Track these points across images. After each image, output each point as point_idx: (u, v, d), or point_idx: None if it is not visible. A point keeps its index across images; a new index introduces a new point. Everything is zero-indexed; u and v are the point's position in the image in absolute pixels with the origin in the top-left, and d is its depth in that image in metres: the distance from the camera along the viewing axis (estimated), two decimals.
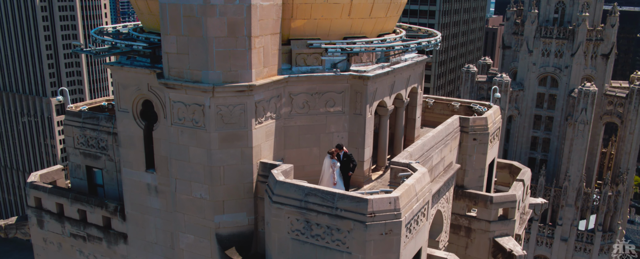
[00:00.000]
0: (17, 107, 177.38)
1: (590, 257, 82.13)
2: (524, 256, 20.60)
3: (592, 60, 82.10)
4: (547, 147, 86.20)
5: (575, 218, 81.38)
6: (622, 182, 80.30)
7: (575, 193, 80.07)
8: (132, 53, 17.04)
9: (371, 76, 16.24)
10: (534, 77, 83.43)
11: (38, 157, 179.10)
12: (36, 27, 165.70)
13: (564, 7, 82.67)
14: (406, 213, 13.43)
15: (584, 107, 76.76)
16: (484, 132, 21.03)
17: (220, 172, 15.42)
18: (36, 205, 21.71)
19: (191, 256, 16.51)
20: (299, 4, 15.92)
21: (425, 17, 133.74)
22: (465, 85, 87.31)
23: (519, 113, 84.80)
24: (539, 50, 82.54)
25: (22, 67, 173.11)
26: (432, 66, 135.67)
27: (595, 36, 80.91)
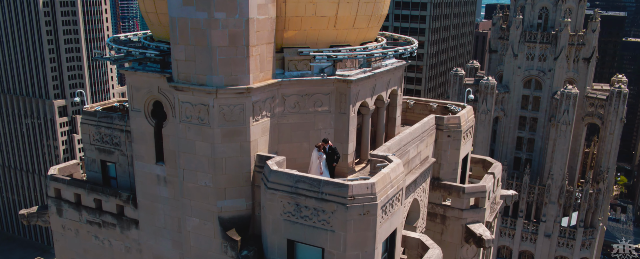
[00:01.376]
0: (20, 109, 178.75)
1: (572, 252, 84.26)
2: (492, 240, 22.68)
3: (574, 63, 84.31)
4: (531, 147, 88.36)
5: (558, 215, 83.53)
6: (603, 181, 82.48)
7: (557, 191, 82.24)
8: (145, 60, 19.05)
9: (353, 79, 18.30)
10: (519, 80, 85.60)
11: (40, 158, 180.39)
12: (39, 31, 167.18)
13: (548, 13, 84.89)
14: (381, 197, 15.47)
15: (566, 109, 78.98)
16: (457, 130, 23.11)
17: (222, 163, 17.44)
18: (56, 195, 23.67)
19: (197, 237, 18.51)
20: (291, 17, 17.97)
21: (417, 22, 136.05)
22: (453, 87, 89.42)
23: (505, 114, 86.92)
24: (524, 54, 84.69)
25: (25, 70, 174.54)
26: (423, 68, 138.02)
27: (577, 41, 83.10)
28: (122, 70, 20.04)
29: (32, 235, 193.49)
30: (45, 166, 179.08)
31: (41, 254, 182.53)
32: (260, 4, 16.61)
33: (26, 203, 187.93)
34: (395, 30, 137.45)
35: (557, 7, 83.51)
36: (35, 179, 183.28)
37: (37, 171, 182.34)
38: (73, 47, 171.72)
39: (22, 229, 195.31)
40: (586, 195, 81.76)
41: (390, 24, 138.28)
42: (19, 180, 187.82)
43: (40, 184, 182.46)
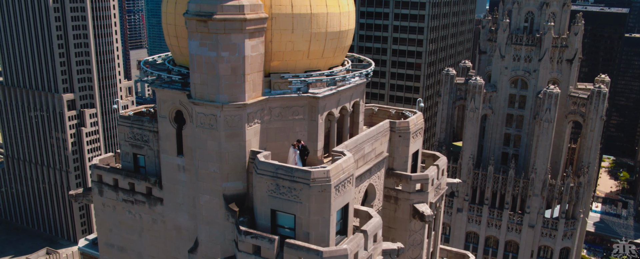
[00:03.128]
0: (30, 103, 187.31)
1: (554, 242, 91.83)
2: (431, 215, 30.36)
3: (557, 64, 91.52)
4: (518, 143, 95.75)
5: (542, 207, 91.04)
6: (584, 175, 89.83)
7: (541, 184, 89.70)
8: (171, 81, 26.82)
9: (320, 96, 25.96)
10: (506, 79, 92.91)
11: (49, 150, 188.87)
12: (49, 26, 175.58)
13: (533, 17, 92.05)
14: (334, 180, 23.13)
15: (548, 107, 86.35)
16: (406, 131, 30.72)
17: (226, 156, 25.15)
18: (98, 180, 31.50)
19: (207, 209, 26.27)
20: (276, 52, 25.66)
21: (415, 21, 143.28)
22: (445, 86, 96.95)
23: (492, 112, 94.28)
24: (511, 56, 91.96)
25: (35, 64, 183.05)
26: (422, 66, 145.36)
27: (560, 43, 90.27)
28: (153, 87, 27.79)
29: (40, 226, 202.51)
30: (53, 159, 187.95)
31: (49, 245, 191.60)
32: (253, 45, 24.31)
33: (34, 194, 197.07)
34: (395, 30, 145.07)
35: (541, 11, 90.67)
36: (44, 171, 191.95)
37: (45, 163, 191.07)
38: (82, 42, 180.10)
39: (29, 220, 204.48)
40: (567, 188, 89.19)
41: (390, 23, 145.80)
42: (28, 172, 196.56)
43: (48, 176, 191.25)
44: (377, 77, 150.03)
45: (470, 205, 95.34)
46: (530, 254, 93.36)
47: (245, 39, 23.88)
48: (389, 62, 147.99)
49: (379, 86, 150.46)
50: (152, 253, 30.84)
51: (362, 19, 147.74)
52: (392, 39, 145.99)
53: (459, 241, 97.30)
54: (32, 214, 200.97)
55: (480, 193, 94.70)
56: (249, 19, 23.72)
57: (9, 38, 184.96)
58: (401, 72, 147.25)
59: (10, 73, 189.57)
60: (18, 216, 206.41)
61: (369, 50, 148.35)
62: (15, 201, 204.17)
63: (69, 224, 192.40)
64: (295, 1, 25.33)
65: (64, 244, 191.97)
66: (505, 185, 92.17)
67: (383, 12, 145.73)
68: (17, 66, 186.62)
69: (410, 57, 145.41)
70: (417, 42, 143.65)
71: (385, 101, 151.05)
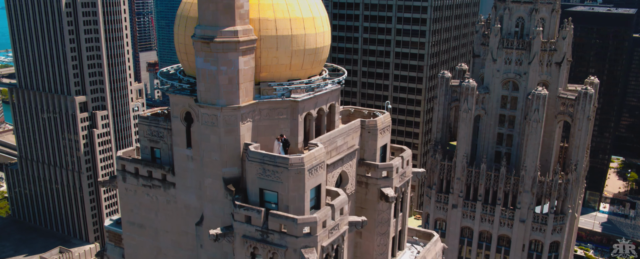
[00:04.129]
0: (43, 105, 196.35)
1: (544, 236, 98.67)
2: (394, 197, 37.88)
3: (547, 67, 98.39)
4: (510, 142, 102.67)
5: (532, 202, 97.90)
6: (572, 172, 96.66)
7: (531, 181, 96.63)
8: (182, 89, 34.63)
9: (299, 100, 33.62)
10: (498, 82, 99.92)
11: (62, 151, 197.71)
12: (61, 30, 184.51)
13: (523, 22, 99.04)
14: (308, 165, 30.74)
15: (537, 108, 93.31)
16: (374, 128, 38.26)
17: (225, 147, 32.84)
18: (121, 169, 39.33)
19: (210, 189, 33.97)
20: (264, 65, 33.36)
21: (418, 25, 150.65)
22: (440, 88, 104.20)
23: (485, 113, 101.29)
24: (502, 59, 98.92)
25: (48, 67, 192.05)
26: (424, 68, 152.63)
27: (549, 47, 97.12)
28: (168, 93, 35.58)
29: (53, 226, 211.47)
30: (66, 159, 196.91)
31: (62, 244, 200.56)
32: (245, 61, 32.04)
33: (47, 194, 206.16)
34: (398, 33, 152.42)
35: (531, 16, 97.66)
36: (57, 171, 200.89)
37: (58, 164, 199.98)
38: (93, 45, 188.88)
39: (43, 220, 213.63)
40: (555, 185, 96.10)
41: (393, 27, 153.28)
42: (41, 173, 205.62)
43: (61, 176, 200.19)
44: (381, 79, 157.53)
45: (464, 201, 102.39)
46: (522, 248, 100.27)
47: (239, 56, 31.62)
48: (392, 64, 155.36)
49: (383, 87, 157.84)
50: (166, 228, 38.65)
51: (366, 23, 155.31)
52: (395, 42, 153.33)
53: (454, 236, 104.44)
54: (46, 214, 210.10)
55: (474, 190, 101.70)
56: (242, 41, 31.47)
57: (23, 42, 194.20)
58: (404, 74, 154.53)
59: (24, 76, 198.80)
60: (32, 216, 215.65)
61: (373, 53, 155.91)
62: (29, 202, 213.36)
63: (82, 224, 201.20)
64: (279, 25, 33.06)
65: (77, 243, 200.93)
66: (498, 182, 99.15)
67: (386, 15, 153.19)
68: (31, 69, 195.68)
69: (413, 59, 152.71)
70: (419, 45, 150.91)
71: (390, 102, 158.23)
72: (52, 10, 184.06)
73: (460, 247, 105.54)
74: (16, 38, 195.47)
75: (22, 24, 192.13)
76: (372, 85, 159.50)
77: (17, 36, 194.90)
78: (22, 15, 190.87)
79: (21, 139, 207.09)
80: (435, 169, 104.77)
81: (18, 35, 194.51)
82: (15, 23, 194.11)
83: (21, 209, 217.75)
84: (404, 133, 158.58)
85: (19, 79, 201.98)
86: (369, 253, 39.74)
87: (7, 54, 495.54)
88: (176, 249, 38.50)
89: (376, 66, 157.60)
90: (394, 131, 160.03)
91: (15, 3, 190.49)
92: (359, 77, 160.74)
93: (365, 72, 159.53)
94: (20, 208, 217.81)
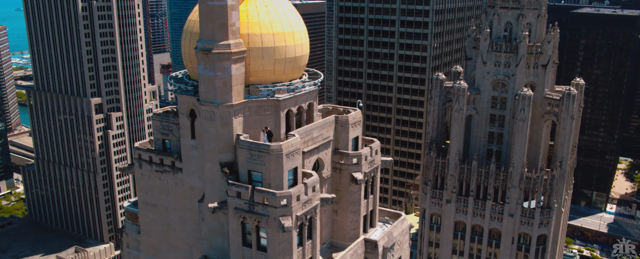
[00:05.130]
0: (60, 107, 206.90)
1: (532, 229, 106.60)
2: (363, 180, 46.55)
3: (534, 69, 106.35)
4: (500, 140, 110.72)
5: (520, 197, 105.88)
6: (557, 169, 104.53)
7: (518, 177, 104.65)
8: (187, 90, 43.66)
9: (281, 99, 42.46)
10: (488, 83, 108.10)
11: (77, 152, 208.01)
12: (78, 34, 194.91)
13: (511, 27, 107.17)
14: (285, 151, 39.54)
15: (522, 108, 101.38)
16: (346, 123, 46.92)
17: (221, 138, 41.74)
18: (138, 157, 48.36)
19: (210, 172, 42.85)
20: (252, 71, 42.26)
21: (420, 28, 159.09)
22: (435, 90, 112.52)
23: (477, 112, 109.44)
24: (492, 62, 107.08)
25: (64, 70, 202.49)
26: (426, 70, 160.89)
27: (535, 50, 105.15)
28: (176, 94, 44.58)
29: (69, 226, 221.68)
30: (81, 160, 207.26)
31: (77, 244, 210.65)
32: (237, 68, 40.93)
33: (64, 195, 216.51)
34: (401, 36, 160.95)
35: (518, 22, 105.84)
36: (73, 172, 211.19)
37: (74, 165, 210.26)
38: (108, 48, 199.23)
39: (59, 220, 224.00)
40: (541, 181, 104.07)
41: (396, 29, 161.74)
42: (57, 174, 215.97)
43: (77, 177, 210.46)
44: (385, 81, 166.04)
45: (457, 197, 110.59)
46: (511, 241, 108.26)
47: (231, 64, 40.55)
48: (395, 66, 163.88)
49: (387, 89, 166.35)
50: (175, 207, 47.64)
51: (371, 26, 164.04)
52: (399, 45, 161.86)
53: (449, 229, 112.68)
54: (61, 215, 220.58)
55: (466, 186, 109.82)
56: (234, 52, 40.39)
57: (40, 45, 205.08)
58: (407, 75, 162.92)
59: (41, 78, 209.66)
60: (48, 217, 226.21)
61: (377, 56, 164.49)
62: (45, 202, 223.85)
63: (97, 224, 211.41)
64: (264, 39, 41.99)
65: (92, 243, 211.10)
66: (488, 178, 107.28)
67: (390, 19, 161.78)
68: (48, 71, 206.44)
69: (416, 61, 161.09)
70: (421, 48, 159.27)
71: (393, 103, 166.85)
72: (69, 14, 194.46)
73: (454, 241, 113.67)
74: (34, 41, 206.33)
75: (39, 27, 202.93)
76: (376, 86, 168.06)
77: (35, 39, 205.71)
78: (40, 19, 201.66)
79: (38, 141, 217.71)
80: (431, 167, 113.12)
81: (36, 38, 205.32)
82: (33, 27, 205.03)
83: (38, 209, 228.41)
84: (408, 133, 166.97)
85: (36, 81, 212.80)
86: (344, 228, 48.47)
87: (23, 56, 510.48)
88: (183, 224, 47.49)
89: (381, 68, 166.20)
90: (398, 131, 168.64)
91: (34, 7, 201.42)
92: (364, 78, 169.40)
93: (370, 74, 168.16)
94: (36, 208, 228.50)
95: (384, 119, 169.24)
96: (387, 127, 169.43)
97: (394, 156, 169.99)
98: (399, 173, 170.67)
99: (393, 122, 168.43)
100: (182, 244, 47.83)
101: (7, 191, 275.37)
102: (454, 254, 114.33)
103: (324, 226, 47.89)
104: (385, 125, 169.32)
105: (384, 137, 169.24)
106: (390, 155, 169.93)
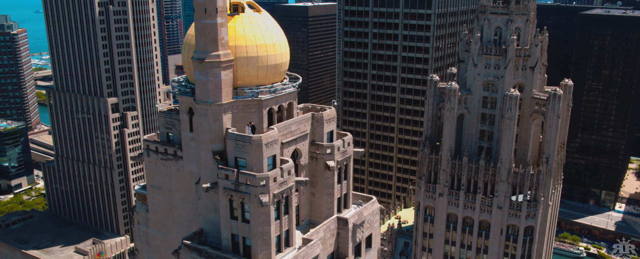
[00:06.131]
0: (78, 106, 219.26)
1: (519, 221, 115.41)
2: (335, 167, 56.31)
3: (522, 71, 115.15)
4: (491, 137, 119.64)
5: (508, 191, 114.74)
6: (543, 164, 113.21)
7: (506, 172, 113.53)
8: (186, 92, 53.85)
9: (263, 99, 52.45)
10: (479, 84, 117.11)
11: (94, 149, 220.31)
12: (95, 37, 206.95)
13: (501, 31, 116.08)
14: (265, 141, 49.49)
15: (509, 107, 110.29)
16: (321, 119, 56.72)
17: (213, 131, 51.79)
18: (147, 148, 58.68)
19: (204, 159, 52.89)
20: (239, 76, 52.29)
21: (422, 31, 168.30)
22: (429, 90, 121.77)
23: (468, 112, 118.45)
24: (482, 64, 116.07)
25: (82, 71, 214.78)
26: (428, 71, 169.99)
27: (523, 53, 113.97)
28: (177, 95, 54.75)
29: (87, 219, 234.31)
30: (99, 157, 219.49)
31: (95, 236, 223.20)
32: (226, 73, 50.98)
33: (82, 190, 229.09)
34: (404, 39, 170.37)
35: (507, 26, 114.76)
36: (90, 168, 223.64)
37: (91, 161, 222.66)
38: (124, 50, 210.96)
39: (77, 214, 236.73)
40: (528, 176, 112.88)
41: (400, 32, 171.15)
42: (76, 170, 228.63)
43: (94, 173, 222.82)
44: (389, 82, 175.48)
45: (449, 190, 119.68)
46: (500, 232, 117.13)
47: (221, 71, 50.59)
48: (399, 68, 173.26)
49: (391, 89, 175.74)
50: (177, 189, 57.81)
51: (375, 29, 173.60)
52: (402, 47, 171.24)
53: (441, 221, 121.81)
54: (80, 209, 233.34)
55: (458, 180, 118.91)
56: (223, 61, 50.43)
57: (59, 48, 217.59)
58: (410, 77, 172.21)
59: (60, 79, 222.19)
60: (67, 210, 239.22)
61: (381, 57, 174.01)
62: (65, 197, 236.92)
63: (113, 218, 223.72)
64: (249, 50, 52.01)
65: (109, 235, 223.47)
66: (478, 173, 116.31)
67: (394, 22, 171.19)
68: (67, 72, 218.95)
69: (418, 63, 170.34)
70: (423, 50, 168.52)
71: (396, 103, 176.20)
72: (87, 18, 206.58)
73: (446, 232, 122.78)
74: (53, 44, 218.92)
75: (59, 30, 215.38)
76: (381, 87, 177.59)
77: (54, 42, 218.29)
78: (59, 23, 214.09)
79: (58, 138, 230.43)
80: (425, 162, 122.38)
81: (55, 41, 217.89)
82: (52, 30, 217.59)
83: (57, 204, 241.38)
84: (410, 132, 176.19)
85: (56, 82, 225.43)
86: (320, 208, 58.32)
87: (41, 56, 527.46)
88: (184, 203, 57.67)
89: (384, 69, 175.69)
90: (401, 129, 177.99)
91: (53, 11, 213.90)
92: (369, 79, 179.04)
93: (374, 75, 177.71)
94: (56, 202, 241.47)
95: (387, 118, 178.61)
96: (391, 126, 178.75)
97: (397, 154, 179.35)
98: (402, 170, 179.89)
99: (397, 121, 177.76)
100: (183, 220, 58.06)
101: (28, 186, 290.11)
102: (447, 244, 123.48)
103: (303, 206, 57.87)
104: (389, 124, 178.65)
105: (387, 136, 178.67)
106: (394, 152, 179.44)
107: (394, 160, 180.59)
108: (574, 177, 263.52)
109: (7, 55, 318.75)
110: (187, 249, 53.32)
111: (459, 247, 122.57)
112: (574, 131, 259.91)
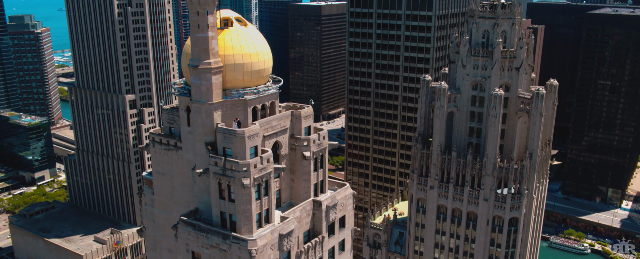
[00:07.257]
0: (98, 102, 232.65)
1: (504, 213, 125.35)
2: (310, 156, 67.29)
3: (508, 71, 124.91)
4: (479, 134, 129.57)
5: (493, 184, 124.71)
6: (526, 159, 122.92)
7: (491, 166, 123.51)
8: (185, 92, 65.29)
9: (248, 99, 63.63)
10: (467, 84, 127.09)
11: (113, 144, 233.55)
12: (114, 36, 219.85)
13: (489, 34, 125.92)
14: (247, 134, 60.65)
15: (494, 106, 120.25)
16: (299, 116, 67.68)
17: (206, 125, 63.07)
18: (152, 139, 70.22)
19: (198, 149, 64.16)
20: (227, 79, 63.52)
21: (424, 32, 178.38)
22: (422, 89, 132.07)
23: (458, 110, 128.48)
24: (471, 65, 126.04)
25: (101, 68, 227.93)
26: (429, 71, 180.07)
27: (509, 55, 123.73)
28: (177, 95, 66.13)
29: (105, 210, 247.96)
30: (117, 152, 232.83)
31: (113, 226, 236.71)
32: (216, 77, 62.20)
33: (101, 183, 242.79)
34: (407, 39, 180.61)
35: (494, 30, 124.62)
36: (109, 162, 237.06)
37: (110, 155, 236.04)
38: (141, 49, 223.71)
39: (96, 205, 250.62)
40: (512, 170, 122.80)
41: (402, 33, 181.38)
42: (96, 163, 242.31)
43: (113, 166, 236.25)
44: (392, 81, 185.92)
45: (439, 183, 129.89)
46: (486, 223, 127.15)
47: (212, 75, 61.83)
48: (401, 67, 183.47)
49: (394, 88, 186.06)
50: (177, 174, 69.26)
51: (379, 30, 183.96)
52: (404, 47, 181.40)
53: (432, 212, 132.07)
54: (99, 200, 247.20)
55: (447, 174, 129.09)
56: (213, 68, 61.66)
57: (81, 46, 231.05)
58: (412, 76, 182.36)
59: (81, 76, 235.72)
60: (87, 202, 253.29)
61: (384, 57, 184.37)
62: (85, 189, 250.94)
63: (130, 209, 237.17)
64: (235, 58, 63.22)
65: (126, 226, 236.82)
66: (465, 167, 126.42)
67: (396, 24, 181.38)
68: (87, 70, 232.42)
69: (420, 63, 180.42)
70: (425, 50, 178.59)
71: (399, 101, 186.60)
72: (106, 18, 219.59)
73: (437, 222, 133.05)
74: (75, 43, 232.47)
75: (80, 30, 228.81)
76: (384, 86, 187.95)
77: (76, 41, 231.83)
78: (80, 22, 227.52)
79: (78, 133, 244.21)
80: (417, 157, 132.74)
81: (77, 40, 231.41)
82: (74, 29, 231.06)
83: (78, 195, 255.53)
84: (413, 129, 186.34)
85: (77, 79, 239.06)
86: (298, 192, 69.41)
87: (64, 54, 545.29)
88: (183, 187, 69.13)
89: (387, 69, 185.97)
90: (404, 126, 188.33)
91: (75, 12, 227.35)
92: (373, 78, 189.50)
93: (378, 74, 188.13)
94: (77, 194, 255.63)
95: (391, 115, 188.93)
96: (394, 123, 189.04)
97: (400, 150, 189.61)
98: (405, 165, 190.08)
99: (399, 119, 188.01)
100: (182, 201, 69.55)
101: (50, 178, 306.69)
102: (437, 234, 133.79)
103: (284, 190, 69.03)
104: (392, 121, 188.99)
105: (390, 132, 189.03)
106: (397, 148, 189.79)
107: (396, 156, 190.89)
108: (580, 175, 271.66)
109: (31, 53, 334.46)
110: (184, 224, 64.83)
111: (448, 236, 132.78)
112: (581, 129, 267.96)
